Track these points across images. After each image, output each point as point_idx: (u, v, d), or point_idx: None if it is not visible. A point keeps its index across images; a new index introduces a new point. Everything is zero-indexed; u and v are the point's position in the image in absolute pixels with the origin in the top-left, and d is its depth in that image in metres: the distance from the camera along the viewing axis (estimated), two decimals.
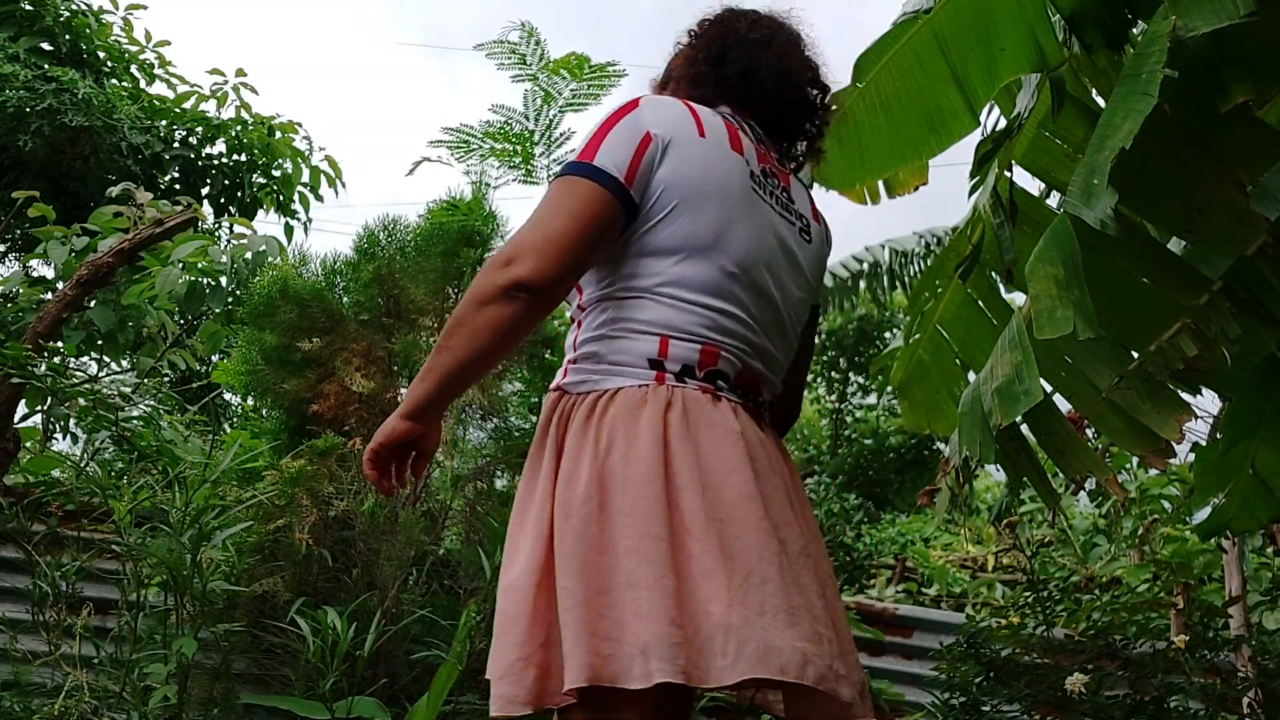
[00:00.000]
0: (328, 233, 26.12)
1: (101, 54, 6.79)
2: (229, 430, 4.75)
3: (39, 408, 3.30)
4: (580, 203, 1.23)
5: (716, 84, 1.43)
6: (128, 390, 3.41)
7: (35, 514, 2.92)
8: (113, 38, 6.84)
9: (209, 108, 6.87)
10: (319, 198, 6.86)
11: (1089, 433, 2.81)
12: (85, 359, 4.35)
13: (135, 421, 3.41)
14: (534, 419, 3.26)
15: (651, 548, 1.14)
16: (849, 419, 13.11)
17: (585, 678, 1.09)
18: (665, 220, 1.26)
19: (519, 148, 3.87)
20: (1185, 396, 1.57)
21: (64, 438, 4.43)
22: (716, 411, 1.23)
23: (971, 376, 2.30)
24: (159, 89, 7.07)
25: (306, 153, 6.80)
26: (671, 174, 1.26)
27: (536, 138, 3.88)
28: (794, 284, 1.38)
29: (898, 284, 6.92)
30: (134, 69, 7.02)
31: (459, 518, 3.09)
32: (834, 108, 1.59)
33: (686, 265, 1.26)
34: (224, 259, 3.27)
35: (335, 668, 2.38)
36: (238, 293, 3.79)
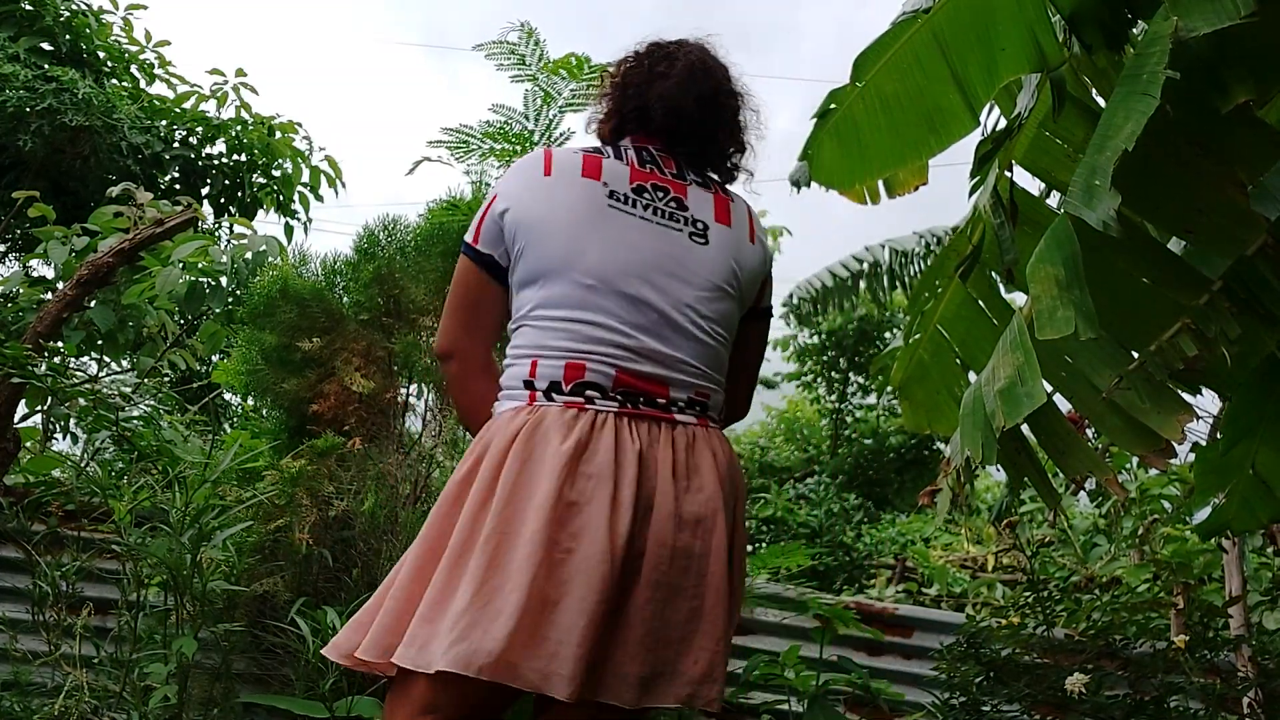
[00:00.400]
0: (328, 233, 26.15)
1: (101, 54, 6.78)
2: (229, 430, 4.75)
3: (39, 408, 3.29)
4: (457, 273, 1.56)
5: (619, 119, 1.61)
6: (128, 390, 3.40)
7: (35, 514, 2.91)
8: (113, 38, 6.83)
9: (209, 108, 6.87)
10: (319, 198, 6.86)
11: (1089, 433, 2.81)
12: (85, 359, 4.35)
13: (135, 421, 3.41)
14: None
15: (441, 556, 1.36)
16: (849, 419, 13.12)
17: (373, 655, 1.35)
18: (523, 258, 1.47)
19: (519, 148, 3.87)
20: (1185, 396, 1.57)
21: (64, 438, 4.43)
22: (564, 428, 1.36)
23: (972, 377, 2.30)
24: (159, 89, 7.07)
25: (306, 153, 6.80)
26: (518, 219, 1.47)
27: (536, 138, 3.88)
28: (680, 284, 1.47)
29: (898, 284, 6.93)
30: (134, 69, 7.01)
31: None
32: (755, 126, 1.70)
33: (547, 289, 1.44)
34: (224, 259, 3.27)
35: (335, 667, 2.38)
36: (238, 293, 3.79)
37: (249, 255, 3.33)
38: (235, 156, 6.86)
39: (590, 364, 1.40)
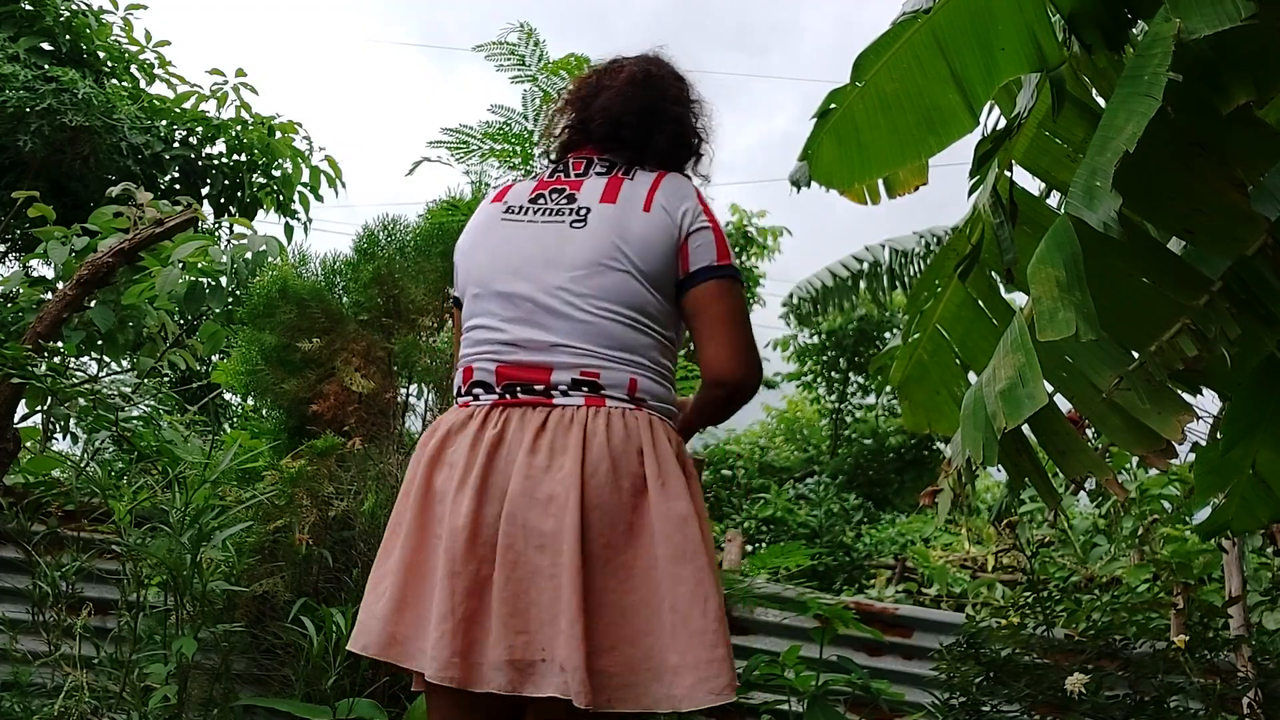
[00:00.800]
0: (328, 233, 26.20)
1: (101, 54, 6.78)
2: (229, 430, 4.75)
3: (39, 408, 3.29)
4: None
5: (568, 133, 1.71)
6: (128, 390, 3.40)
7: (35, 514, 2.91)
8: (113, 38, 6.83)
9: (209, 108, 6.88)
10: (319, 198, 6.86)
11: (1089, 433, 2.81)
12: (85, 359, 4.35)
13: (135, 421, 3.41)
14: None
15: None
16: (849, 419, 13.13)
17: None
18: (457, 289, 1.65)
19: (518, 148, 3.87)
20: (1185, 396, 1.57)
21: (64, 438, 4.42)
22: (443, 426, 1.51)
23: (971, 377, 2.30)
24: (159, 89, 7.08)
25: (306, 153, 6.80)
26: (457, 260, 1.66)
27: (536, 138, 3.88)
28: (553, 270, 1.51)
29: (898, 284, 6.92)
30: (134, 69, 7.02)
31: None
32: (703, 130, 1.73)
33: (464, 308, 1.61)
34: (224, 259, 3.27)
35: (336, 667, 2.38)
36: (238, 293, 3.79)
37: (249, 255, 3.33)
38: (235, 156, 6.87)
39: (477, 364, 1.52)
